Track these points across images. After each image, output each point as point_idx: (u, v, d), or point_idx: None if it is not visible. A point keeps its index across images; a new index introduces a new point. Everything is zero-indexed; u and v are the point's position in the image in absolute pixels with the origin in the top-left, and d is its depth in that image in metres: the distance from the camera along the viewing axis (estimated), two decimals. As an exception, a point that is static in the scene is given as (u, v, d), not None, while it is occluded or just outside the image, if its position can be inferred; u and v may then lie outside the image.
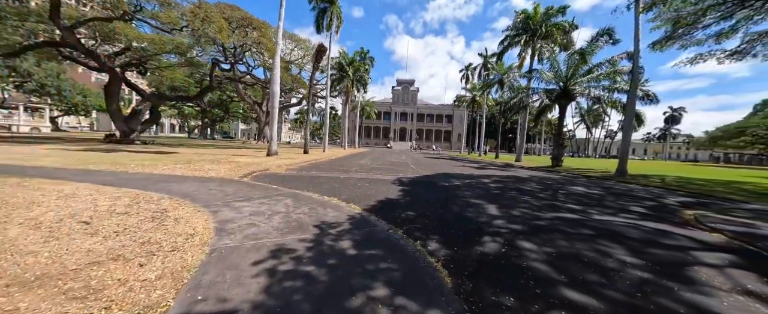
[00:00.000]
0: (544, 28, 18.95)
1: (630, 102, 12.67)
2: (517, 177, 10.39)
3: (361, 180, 7.52)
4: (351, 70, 32.21)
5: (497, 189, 7.13)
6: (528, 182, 9.03)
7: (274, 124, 12.97)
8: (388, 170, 10.42)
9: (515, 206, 5.16)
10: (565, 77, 17.02)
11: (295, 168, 9.62)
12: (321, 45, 17.74)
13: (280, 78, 32.22)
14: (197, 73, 29.26)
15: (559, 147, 17.95)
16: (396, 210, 4.48)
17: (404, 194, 5.83)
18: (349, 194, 5.60)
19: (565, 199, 6.18)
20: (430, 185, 7.31)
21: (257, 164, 9.57)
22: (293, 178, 7.36)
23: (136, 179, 5.51)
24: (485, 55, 32.60)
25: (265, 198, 4.56)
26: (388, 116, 72.61)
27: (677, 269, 2.72)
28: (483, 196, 6.06)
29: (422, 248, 2.89)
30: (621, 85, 14.43)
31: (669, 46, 13.24)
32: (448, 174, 10.17)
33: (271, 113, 12.90)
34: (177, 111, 53.87)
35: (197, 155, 11.87)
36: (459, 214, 4.45)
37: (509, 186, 7.71)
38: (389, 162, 14.92)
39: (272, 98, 12.87)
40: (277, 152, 13.42)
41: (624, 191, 7.86)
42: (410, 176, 8.99)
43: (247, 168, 8.26)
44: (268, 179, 6.87)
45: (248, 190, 5.13)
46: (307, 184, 6.51)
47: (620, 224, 4.26)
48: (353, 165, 11.98)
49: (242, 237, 2.79)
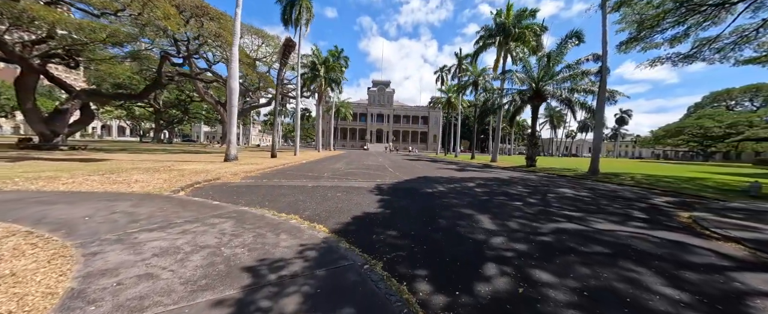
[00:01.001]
0: (516, 30, 19.22)
1: (600, 102, 12.95)
2: (500, 179, 9.94)
3: (333, 189, 6.43)
4: (323, 69, 30.71)
5: (484, 194, 6.45)
6: (512, 184, 8.55)
7: (232, 124, 11.34)
8: (365, 176, 9.41)
9: (510, 216, 4.44)
10: (538, 78, 17.31)
11: (254, 176, 8.23)
12: (288, 39, 16.27)
13: (246, 76, 29.60)
14: (149, 70, 25.87)
15: (533, 147, 18.20)
16: (374, 230, 3.50)
17: (384, 207, 4.87)
18: (316, 209, 4.51)
19: (558, 204, 5.64)
20: (412, 192, 6.43)
21: (207, 172, 8.04)
22: (248, 189, 6.07)
23: (4, 200, 3.93)
24: (460, 56, 32.95)
25: (194, 223, 3.33)
26: (365, 117, 71.55)
27: (736, 305, 2.06)
28: (472, 204, 5.30)
29: (411, 296, 1.95)
30: (588, 86, 14.87)
31: (632, 48, 13.83)
32: (430, 178, 9.41)
33: (229, 112, 11.27)
34: (126, 112, 47.79)
35: (134, 162, 9.92)
36: (450, 231, 3.59)
37: (495, 191, 7.10)
38: (366, 166, 13.92)
39: (230, 94, 11.25)
40: (236, 157, 11.77)
41: (608, 192, 7.62)
42: (389, 182, 8.06)
43: (191, 178, 6.77)
44: (212, 193, 5.53)
45: (174, 210, 3.83)
46: (264, 197, 5.29)
47: (631, 236, 3.68)
48: (325, 170, 10.79)
49: (111, 308, 1.63)
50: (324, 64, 31.00)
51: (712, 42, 12.86)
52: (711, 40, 13.06)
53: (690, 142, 46.79)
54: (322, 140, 55.15)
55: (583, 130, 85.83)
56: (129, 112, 48.00)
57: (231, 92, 11.20)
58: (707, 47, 13.31)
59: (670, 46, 13.63)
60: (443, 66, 39.01)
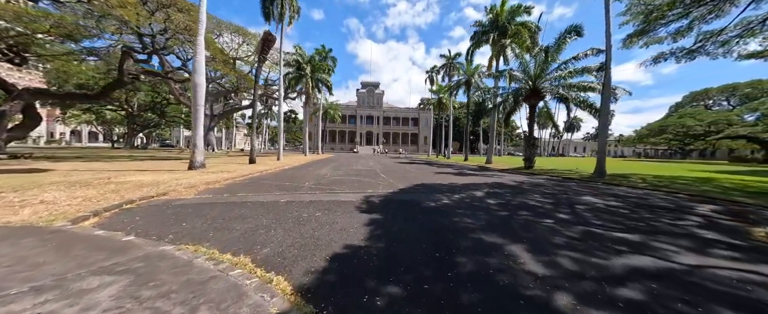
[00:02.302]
0: (512, 26, 18.45)
1: (604, 100, 12.15)
2: (506, 185, 8.81)
3: (312, 206, 5.05)
4: (309, 68, 29.13)
5: (501, 208, 5.23)
6: (525, 192, 7.40)
7: (198, 126, 9.72)
8: (353, 184, 8.05)
9: (552, 246, 3.22)
10: (535, 76, 16.52)
11: (216, 189, 6.72)
12: (267, 32, 14.74)
13: (223, 75, 27.61)
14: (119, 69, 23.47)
15: (531, 148, 17.36)
16: (364, 285, 2.17)
17: (378, 234, 3.54)
18: (281, 242, 3.14)
19: (597, 220, 4.49)
20: (412, 208, 5.13)
21: (157, 184, 6.47)
22: (196, 210, 4.60)
23: None
24: (449, 57, 32.19)
25: (45, 292, 1.89)
26: (354, 119, 70.08)
27: None
28: (494, 226, 4.05)
29: None
30: (590, 83, 14.13)
31: (635, 43, 13.17)
32: (429, 186, 8.15)
33: (194, 112, 9.66)
34: (95, 116, 44.19)
35: (70, 174, 8.16)
36: (482, 280, 2.30)
37: (511, 202, 5.90)
38: (354, 171, 12.54)
39: (195, 91, 9.65)
40: (203, 164, 10.13)
41: (638, 200, 6.59)
42: (382, 192, 6.74)
43: (128, 194, 5.22)
44: (141, 218, 4.03)
45: (39, 259, 2.37)
46: (212, 223, 3.85)
47: (734, 280, 2.51)
48: (308, 178, 9.36)
49: None
50: (309, 63, 29.44)
51: (716, 35, 12.33)
52: (715, 33, 12.54)
53: (672, 141, 48.03)
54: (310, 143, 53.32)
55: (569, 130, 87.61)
56: (98, 116, 44.43)
57: (196, 88, 9.60)
58: (711, 41, 12.81)
59: (674, 40, 13.06)
60: (433, 66, 38.22)
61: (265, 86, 38.09)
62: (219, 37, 29.00)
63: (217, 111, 36.29)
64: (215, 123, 34.94)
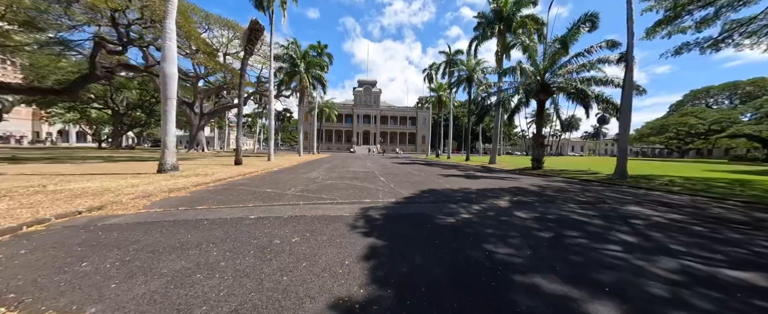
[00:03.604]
0: (517, 18, 17.30)
1: (625, 95, 11.01)
2: (527, 190, 7.63)
3: (289, 225, 3.81)
4: (303, 64, 27.77)
5: (540, 227, 4.03)
6: (554, 201, 6.22)
7: (168, 122, 8.37)
8: (347, 190, 6.82)
9: (657, 303, 2.01)
10: (544, 69, 15.41)
11: (176, 199, 5.43)
12: (254, 21, 13.41)
13: (209, 68, 26.15)
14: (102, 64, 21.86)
15: (539, 147, 16.26)
16: None
17: (377, 281, 2.30)
18: (220, 301, 1.89)
19: (678, 245, 3.30)
20: (423, 227, 3.90)
21: (102, 193, 5.17)
22: (127, 234, 3.32)
23: None
24: (449, 53, 31.02)
25: None
26: (350, 118, 68.72)
27: None
28: (544, 260, 2.84)
29: None
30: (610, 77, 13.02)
31: (659, 33, 12.09)
32: (439, 192, 6.93)
33: (164, 106, 8.32)
34: (80, 115, 42.23)
35: (9, 178, 6.82)
36: None
37: (546, 215, 4.72)
38: (350, 174, 11.30)
39: (164, 83, 8.30)
40: (175, 166, 8.78)
41: (695, 210, 5.44)
42: (383, 202, 5.51)
43: (53, 208, 3.94)
44: (36, 248, 2.75)
45: None
46: (133, 258, 2.58)
47: None
48: (296, 182, 8.10)
49: None
50: (304, 58, 28.07)
51: (746, 24, 11.29)
52: (743, 22, 11.50)
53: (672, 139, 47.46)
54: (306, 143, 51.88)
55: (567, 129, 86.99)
56: (83, 115, 42.49)
57: (165, 79, 8.26)
58: (738, 31, 11.78)
59: (697, 30, 12.00)
60: (432, 64, 36.94)
61: (257, 83, 36.62)
62: (208, 32, 27.53)
63: (208, 109, 34.73)
64: (205, 122, 33.41)
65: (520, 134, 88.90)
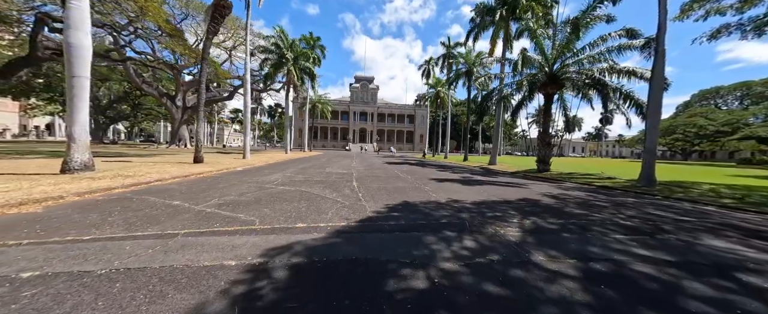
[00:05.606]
0: (522, 1, 15.37)
1: (655, 89, 9.10)
2: (542, 205, 5.75)
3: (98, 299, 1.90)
4: (291, 54, 25.78)
5: (575, 283, 2.14)
6: (586, 227, 4.35)
7: (76, 109, 6.46)
8: (291, 204, 4.94)
9: None
10: (553, 59, 13.53)
11: (21, 216, 3.54)
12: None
13: (189, 59, 23.72)
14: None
15: (546, 147, 14.37)
16: None
17: None
18: None
19: None
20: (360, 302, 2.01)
21: None
22: None
23: None
24: (448, 45, 29.04)
25: None
26: (347, 115, 66.72)
27: None
28: None
29: None
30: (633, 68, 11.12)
31: (692, 13, 10.19)
32: (418, 209, 5.05)
33: (68, 87, 6.41)
34: (61, 108, 40.14)
35: None
36: None
37: (585, 258, 2.85)
38: (321, 176, 9.42)
39: (70, 54, 6.38)
40: (87, 164, 6.82)
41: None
42: (324, 227, 3.63)
43: None
44: None
45: None
46: None
47: None
48: (236, 190, 6.21)
49: None
50: (291, 48, 26.08)
51: (802, 1, 9.38)
52: (798, -1, 9.59)
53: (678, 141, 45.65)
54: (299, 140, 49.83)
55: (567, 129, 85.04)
56: (64, 107, 40.43)
57: (71, 51, 6.34)
58: (789, 11, 9.87)
59: (739, 11, 10.10)
60: (430, 58, 34.95)
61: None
62: (187, 19, 25.50)
63: (192, 102, 32.73)
64: (188, 115, 31.40)
65: (521, 133, 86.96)
